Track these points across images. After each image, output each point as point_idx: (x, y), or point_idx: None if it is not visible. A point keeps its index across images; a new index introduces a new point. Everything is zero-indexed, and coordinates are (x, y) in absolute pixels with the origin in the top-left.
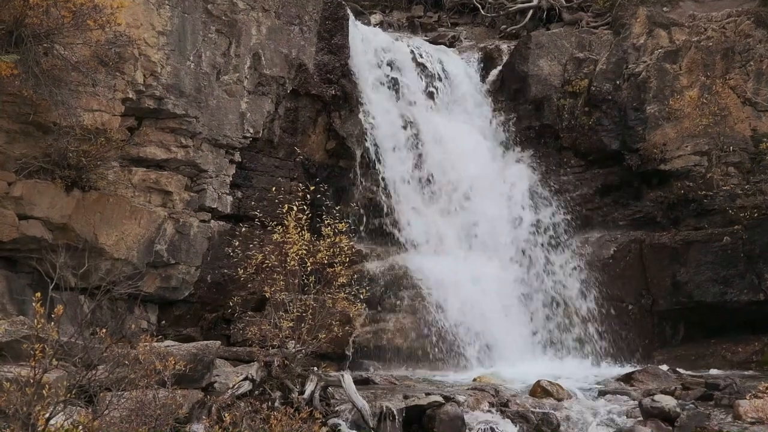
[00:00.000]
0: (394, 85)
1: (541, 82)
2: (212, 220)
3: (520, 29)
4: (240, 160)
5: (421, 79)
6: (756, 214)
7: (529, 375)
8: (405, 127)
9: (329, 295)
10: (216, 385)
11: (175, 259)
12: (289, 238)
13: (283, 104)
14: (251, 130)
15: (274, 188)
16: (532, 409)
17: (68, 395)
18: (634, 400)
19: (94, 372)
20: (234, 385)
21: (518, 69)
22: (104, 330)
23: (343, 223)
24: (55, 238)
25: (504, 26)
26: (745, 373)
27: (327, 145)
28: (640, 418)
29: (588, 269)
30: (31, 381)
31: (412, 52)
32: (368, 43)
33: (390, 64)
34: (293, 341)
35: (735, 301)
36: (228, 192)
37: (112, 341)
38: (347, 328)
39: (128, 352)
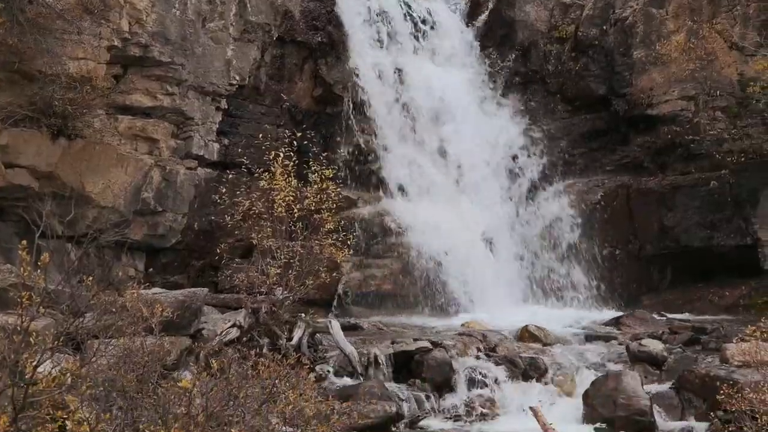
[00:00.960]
0: (381, 31)
1: (528, 27)
2: (199, 168)
3: None
4: (226, 107)
5: (408, 26)
6: (743, 159)
7: (517, 320)
8: (392, 74)
9: (316, 242)
10: (204, 332)
11: (162, 206)
12: (275, 184)
13: (269, 51)
14: (237, 78)
15: (260, 135)
16: (520, 354)
17: (56, 343)
18: (621, 344)
19: (81, 320)
20: (222, 332)
21: (505, 15)
22: (91, 278)
23: (329, 170)
24: (41, 187)
25: None
26: (732, 317)
27: (314, 92)
28: (628, 362)
29: (575, 214)
30: (19, 329)
31: None
32: None
33: (376, 10)
34: (281, 288)
35: (722, 246)
36: (214, 139)
37: (99, 289)
38: (335, 274)
39: (115, 299)
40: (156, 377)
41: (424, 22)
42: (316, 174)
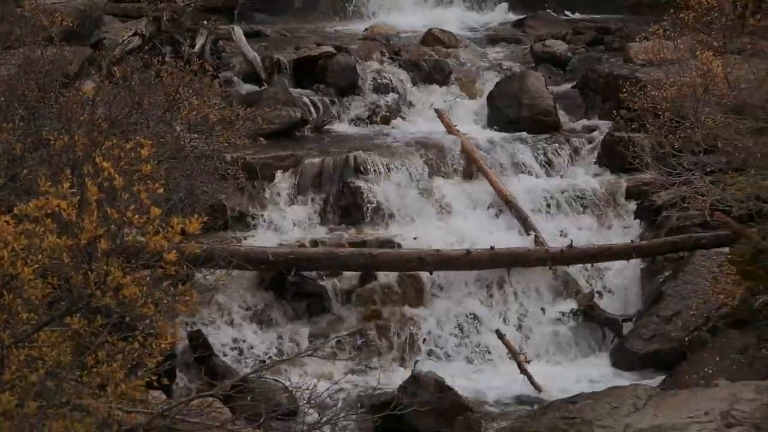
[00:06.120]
0: None
1: None
2: None
3: None
4: None
5: None
6: None
7: (422, 24)
8: None
9: None
10: (105, 41)
11: None
12: None
13: None
14: None
15: None
16: (424, 57)
17: None
18: (525, 46)
19: None
20: (123, 41)
21: None
22: None
23: None
24: None
25: None
26: (637, 16)
27: None
28: (532, 64)
29: None
30: None
31: None
32: None
33: None
34: None
35: None
36: None
37: None
38: None
39: (13, 8)
40: (58, 86)
41: None
42: None
